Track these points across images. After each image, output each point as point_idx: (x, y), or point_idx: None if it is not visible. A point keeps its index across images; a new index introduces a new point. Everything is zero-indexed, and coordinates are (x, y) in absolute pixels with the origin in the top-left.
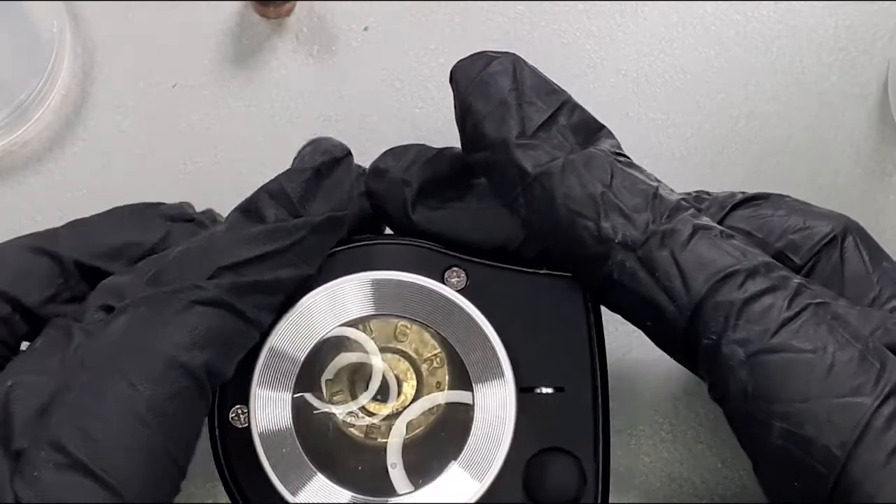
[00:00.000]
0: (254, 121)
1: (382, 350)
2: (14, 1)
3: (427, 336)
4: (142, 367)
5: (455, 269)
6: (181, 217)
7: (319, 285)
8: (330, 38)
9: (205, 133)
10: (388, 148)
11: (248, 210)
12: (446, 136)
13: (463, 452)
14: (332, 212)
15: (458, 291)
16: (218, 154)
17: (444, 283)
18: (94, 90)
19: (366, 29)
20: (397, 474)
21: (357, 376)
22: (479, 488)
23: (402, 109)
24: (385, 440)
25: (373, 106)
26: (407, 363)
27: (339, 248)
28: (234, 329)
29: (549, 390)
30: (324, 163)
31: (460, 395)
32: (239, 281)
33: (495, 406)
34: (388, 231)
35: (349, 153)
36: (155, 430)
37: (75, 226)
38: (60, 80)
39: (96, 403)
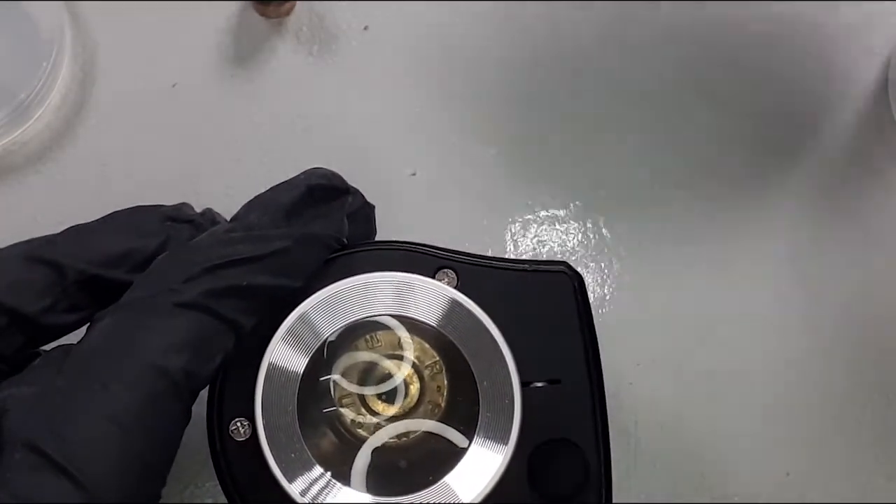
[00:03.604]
0: (254, 121)
1: (388, 357)
2: (14, 1)
3: (427, 346)
4: (116, 370)
5: (445, 269)
6: (180, 219)
7: (315, 291)
8: (330, 38)
9: (205, 133)
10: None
11: (236, 217)
12: (446, 134)
13: (468, 450)
14: (317, 231)
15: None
16: (218, 154)
17: None
18: (94, 90)
19: (366, 29)
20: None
21: (367, 376)
22: (484, 485)
23: (401, 109)
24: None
25: (373, 106)
26: (411, 369)
27: (330, 255)
28: (211, 331)
29: (547, 383)
30: (319, 185)
31: (440, 428)
32: (215, 284)
33: (500, 401)
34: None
35: (349, 190)
36: (129, 431)
37: (73, 233)
38: (60, 80)
39: (70, 405)
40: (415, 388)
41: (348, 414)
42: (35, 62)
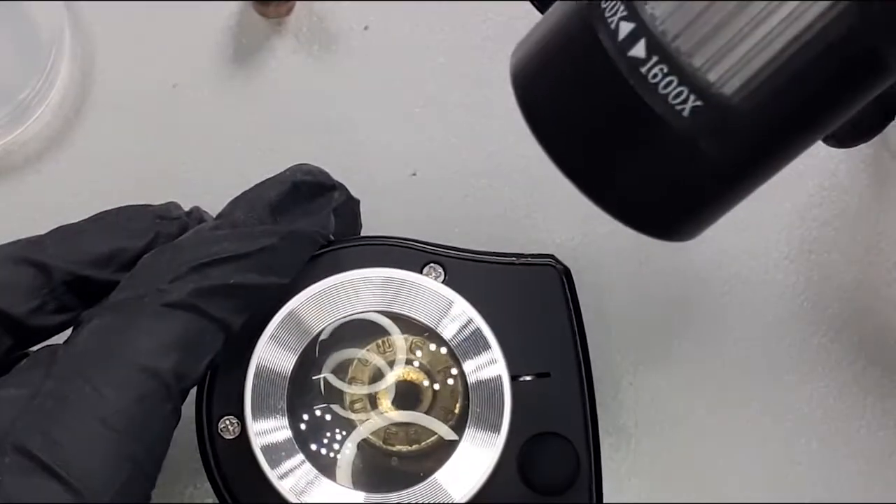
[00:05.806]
0: (254, 121)
1: (386, 359)
2: (14, 1)
3: (438, 352)
4: (106, 372)
5: (432, 264)
6: (168, 218)
7: (303, 288)
8: (330, 38)
9: (205, 133)
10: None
11: (222, 214)
12: (447, 134)
13: (459, 445)
14: (303, 228)
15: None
16: (218, 154)
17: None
18: (94, 90)
19: (366, 29)
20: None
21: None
22: (475, 480)
23: (401, 109)
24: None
25: (373, 106)
26: (424, 374)
27: (317, 252)
28: (199, 331)
29: (535, 377)
30: (304, 181)
31: (427, 421)
32: (203, 283)
33: (489, 395)
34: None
35: (335, 186)
36: (120, 433)
37: (60, 233)
38: (60, 80)
39: (60, 408)
40: (427, 393)
41: (358, 417)
42: (35, 62)
